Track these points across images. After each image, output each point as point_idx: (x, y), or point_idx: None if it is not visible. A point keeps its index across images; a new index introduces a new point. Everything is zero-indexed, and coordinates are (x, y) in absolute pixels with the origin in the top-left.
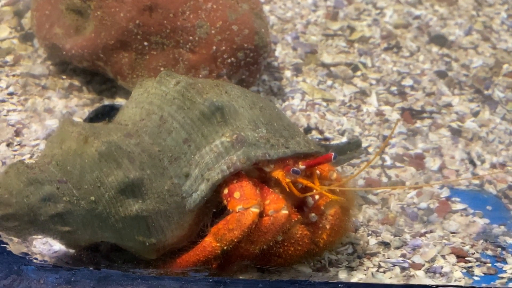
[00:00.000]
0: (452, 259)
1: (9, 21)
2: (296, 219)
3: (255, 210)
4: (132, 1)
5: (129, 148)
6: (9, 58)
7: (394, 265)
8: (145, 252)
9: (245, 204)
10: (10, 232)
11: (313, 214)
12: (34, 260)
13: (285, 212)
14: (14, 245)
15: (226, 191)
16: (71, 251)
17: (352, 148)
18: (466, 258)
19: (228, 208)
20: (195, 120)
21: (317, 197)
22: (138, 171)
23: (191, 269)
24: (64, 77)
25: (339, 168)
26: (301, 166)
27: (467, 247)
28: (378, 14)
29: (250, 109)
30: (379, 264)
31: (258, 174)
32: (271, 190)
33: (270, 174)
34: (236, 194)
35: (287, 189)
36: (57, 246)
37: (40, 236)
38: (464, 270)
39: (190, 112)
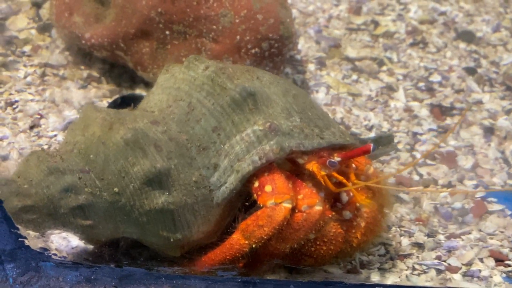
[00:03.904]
0: (491, 262)
1: (27, 11)
2: (330, 216)
3: (288, 205)
4: None
5: (156, 136)
6: (27, 48)
7: (429, 268)
8: (169, 248)
9: (277, 199)
10: (29, 225)
11: (347, 212)
12: (53, 256)
13: (319, 208)
14: (32, 240)
15: (256, 184)
16: (90, 247)
17: (384, 143)
18: (506, 262)
19: (258, 202)
20: (225, 107)
21: (352, 193)
22: (165, 160)
23: (218, 268)
24: (82, 67)
25: None
26: (337, 158)
27: (506, 250)
28: (403, 10)
29: (283, 96)
30: (413, 266)
31: (290, 167)
32: (304, 184)
33: (303, 167)
34: (268, 188)
35: (323, 183)
36: (76, 241)
37: (59, 231)
38: (504, 275)
39: (220, 98)
